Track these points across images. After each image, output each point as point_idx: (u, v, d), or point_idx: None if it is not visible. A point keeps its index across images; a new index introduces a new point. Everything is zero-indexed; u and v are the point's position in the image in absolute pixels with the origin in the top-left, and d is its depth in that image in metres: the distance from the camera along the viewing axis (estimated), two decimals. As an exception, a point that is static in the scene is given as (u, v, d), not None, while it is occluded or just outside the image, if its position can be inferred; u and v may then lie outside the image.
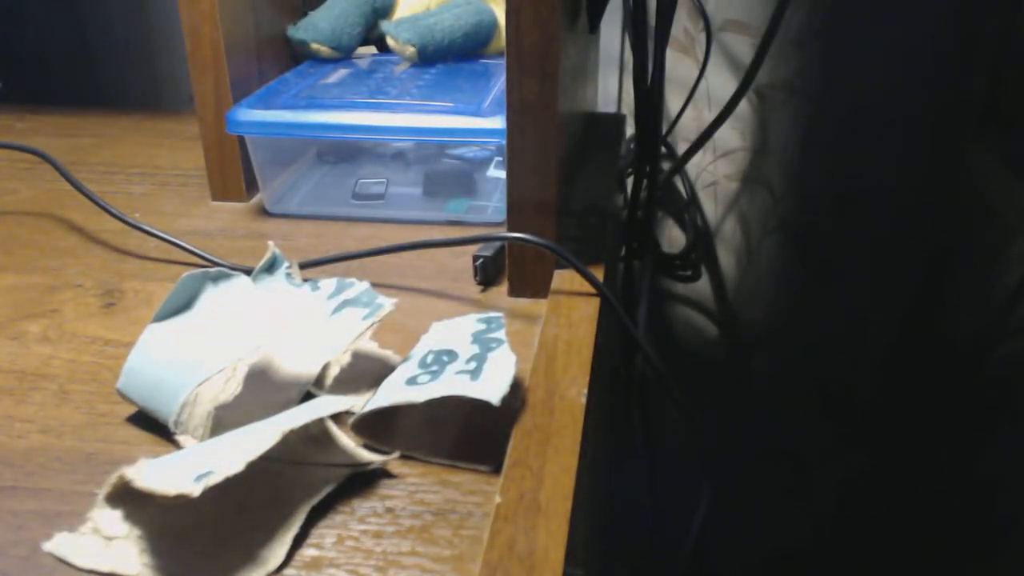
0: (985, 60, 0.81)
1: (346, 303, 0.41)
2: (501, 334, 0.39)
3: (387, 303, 0.40)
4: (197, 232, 0.57)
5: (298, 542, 0.31)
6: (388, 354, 0.41)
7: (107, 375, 0.42)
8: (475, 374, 0.35)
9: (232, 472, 0.29)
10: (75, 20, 0.90)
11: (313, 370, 0.38)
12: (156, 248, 0.54)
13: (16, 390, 0.41)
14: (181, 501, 0.28)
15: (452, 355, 0.38)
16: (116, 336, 0.45)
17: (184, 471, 0.29)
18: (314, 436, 0.35)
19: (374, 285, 0.43)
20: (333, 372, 0.38)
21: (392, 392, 0.36)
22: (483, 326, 0.40)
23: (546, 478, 0.32)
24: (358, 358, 0.39)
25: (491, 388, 0.34)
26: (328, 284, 0.42)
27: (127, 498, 0.30)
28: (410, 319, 0.45)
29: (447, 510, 0.33)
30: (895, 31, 0.82)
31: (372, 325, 0.39)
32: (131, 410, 0.39)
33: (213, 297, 0.40)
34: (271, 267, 0.42)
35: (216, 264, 0.52)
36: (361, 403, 0.38)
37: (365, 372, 0.39)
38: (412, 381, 0.36)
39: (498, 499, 0.31)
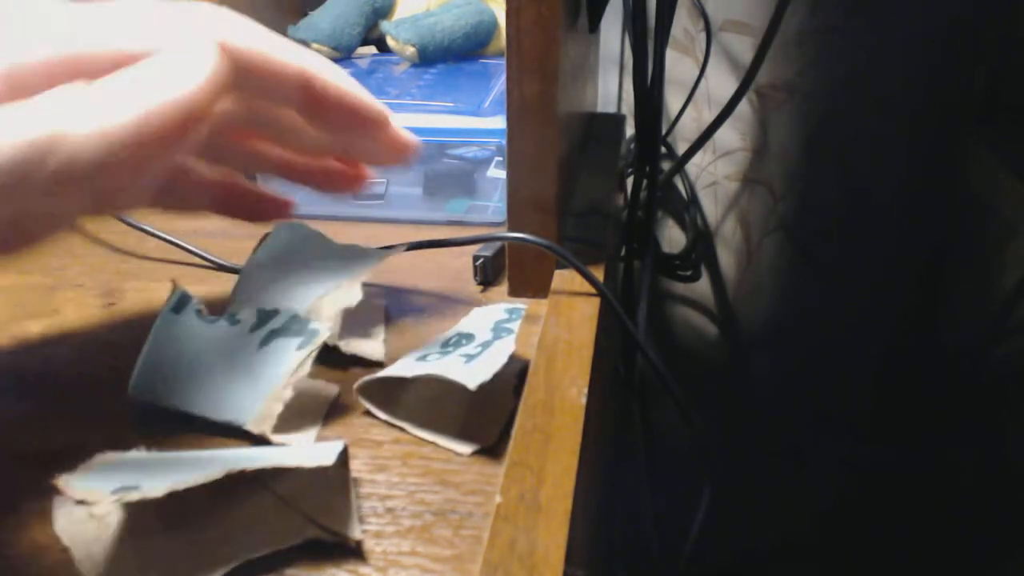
0: (985, 60, 0.81)
1: (273, 333, 0.38)
2: (515, 325, 0.39)
3: (321, 329, 0.38)
4: (197, 232, 0.57)
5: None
6: (331, 388, 0.39)
7: (107, 375, 0.42)
8: (471, 359, 0.36)
9: (152, 496, 0.28)
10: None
11: (252, 411, 0.36)
12: (156, 248, 0.54)
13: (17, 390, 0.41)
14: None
15: (470, 338, 0.39)
16: (116, 336, 0.45)
17: (120, 477, 0.29)
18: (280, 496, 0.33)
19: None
20: (275, 409, 0.35)
21: (398, 365, 0.37)
22: (506, 316, 0.41)
23: (546, 478, 0.32)
24: (301, 393, 0.37)
25: (472, 373, 0.34)
26: (248, 315, 0.40)
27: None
28: (410, 319, 0.45)
29: (447, 510, 0.33)
30: (895, 31, 0.82)
31: (310, 354, 0.37)
32: (131, 410, 0.39)
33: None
34: (178, 306, 0.40)
35: (216, 264, 0.52)
36: (310, 439, 0.37)
37: (310, 407, 0.38)
38: (423, 358, 0.37)
39: (498, 499, 0.31)
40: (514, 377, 0.39)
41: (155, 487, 0.28)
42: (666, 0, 0.60)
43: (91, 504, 0.28)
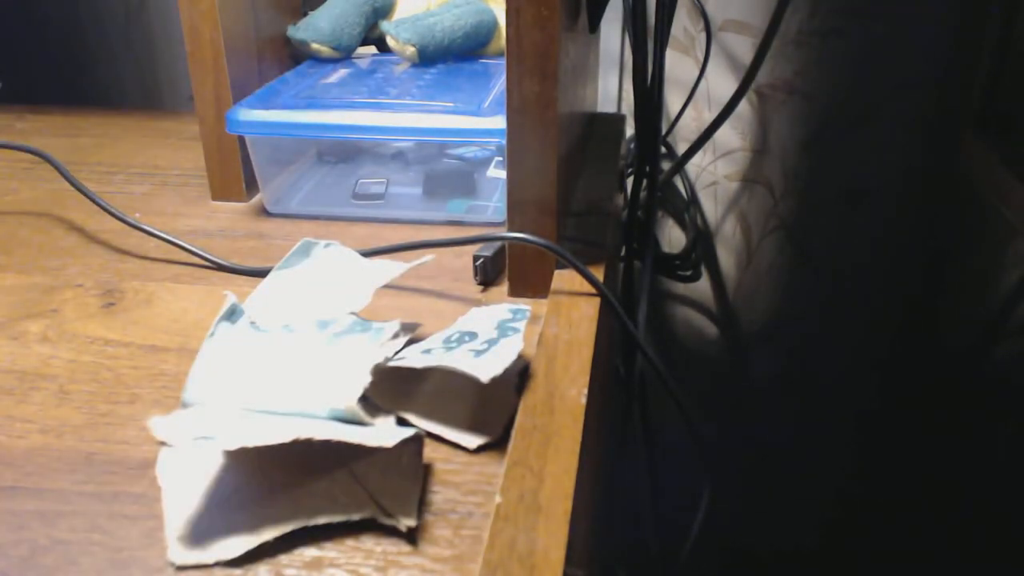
0: (985, 60, 0.81)
1: (337, 336, 0.39)
2: (521, 324, 0.40)
3: (387, 327, 0.39)
4: (197, 232, 0.57)
5: (298, 540, 0.31)
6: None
7: (107, 375, 0.42)
8: (480, 354, 0.36)
9: (226, 448, 0.31)
10: (75, 20, 0.90)
11: (327, 400, 0.36)
12: (156, 248, 0.54)
13: (16, 390, 0.41)
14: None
15: (473, 336, 0.39)
16: (116, 336, 0.45)
17: (202, 427, 0.31)
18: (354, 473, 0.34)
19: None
20: (355, 393, 0.35)
21: (406, 358, 0.38)
22: (509, 316, 0.42)
23: (546, 478, 0.32)
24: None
25: (484, 367, 0.34)
26: (305, 324, 0.41)
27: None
28: (410, 319, 0.45)
29: (447, 510, 0.33)
30: (895, 31, 0.82)
31: (382, 344, 0.38)
32: (131, 410, 0.39)
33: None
34: (231, 317, 0.41)
35: (216, 264, 0.52)
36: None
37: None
38: (428, 352, 0.38)
39: (498, 499, 0.31)
40: (515, 376, 0.39)
41: (231, 441, 0.30)
42: (666, 0, 0.60)
43: (176, 447, 0.31)
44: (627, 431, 0.82)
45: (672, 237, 0.95)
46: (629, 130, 0.84)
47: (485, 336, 0.39)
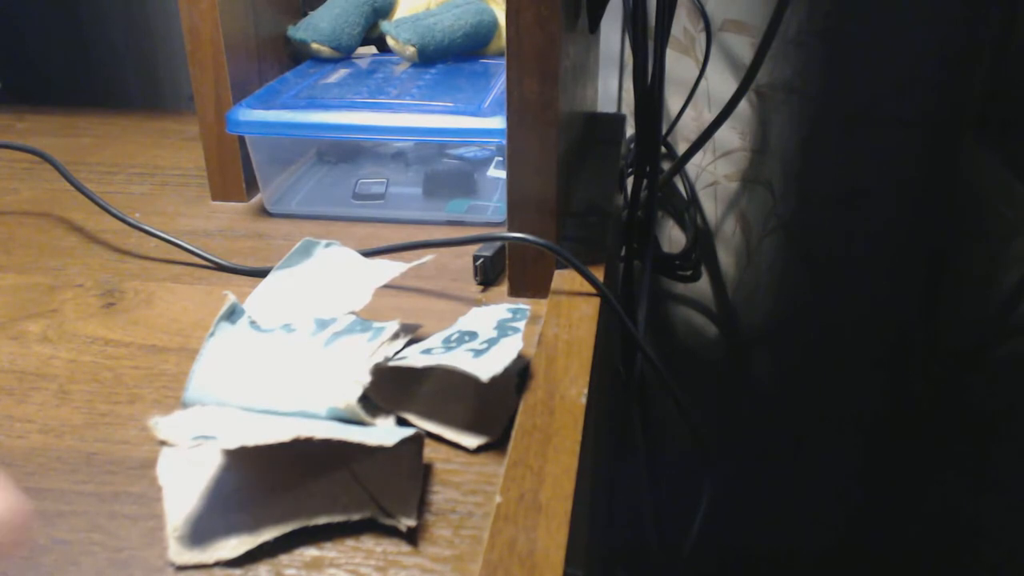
0: (985, 60, 0.81)
1: (336, 335, 0.39)
2: (520, 324, 0.40)
3: (388, 325, 0.39)
4: (197, 232, 0.57)
5: (298, 540, 0.31)
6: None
7: (107, 375, 0.42)
8: (480, 354, 0.36)
9: (226, 447, 0.31)
10: (75, 20, 0.90)
11: (325, 400, 0.36)
12: (156, 248, 0.54)
13: (16, 390, 0.41)
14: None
15: (473, 336, 0.39)
16: (116, 336, 0.45)
17: (203, 426, 0.31)
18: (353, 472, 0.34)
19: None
20: (355, 392, 0.36)
21: (407, 357, 0.38)
22: (509, 315, 0.42)
23: (546, 478, 0.32)
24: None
25: (484, 366, 0.35)
26: (304, 323, 0.41)
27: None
28: (410, 319, 0.45)
29: (447, 510, 0.33)
30: (895, 31, 0.82)
31: (383, 343, 0.38)
32: (131, 410, 0.39)
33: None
34: (231, 317, 0.41)
35: (215, 264, 0.52)
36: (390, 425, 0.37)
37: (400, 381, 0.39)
38: (427, 351, 0.38)
39: (498, 499, 0.31)
40: (515, 375, 0.39)
41: (231, 440, 0.30)
42: (666, 0, 0.60)
43: (176, 446, 0.30)
44: (627, 431, 0.82)
45: (672, 237, 0.95)
46: (629, 130, 0.84)
47: (485, 336, 0.39)
